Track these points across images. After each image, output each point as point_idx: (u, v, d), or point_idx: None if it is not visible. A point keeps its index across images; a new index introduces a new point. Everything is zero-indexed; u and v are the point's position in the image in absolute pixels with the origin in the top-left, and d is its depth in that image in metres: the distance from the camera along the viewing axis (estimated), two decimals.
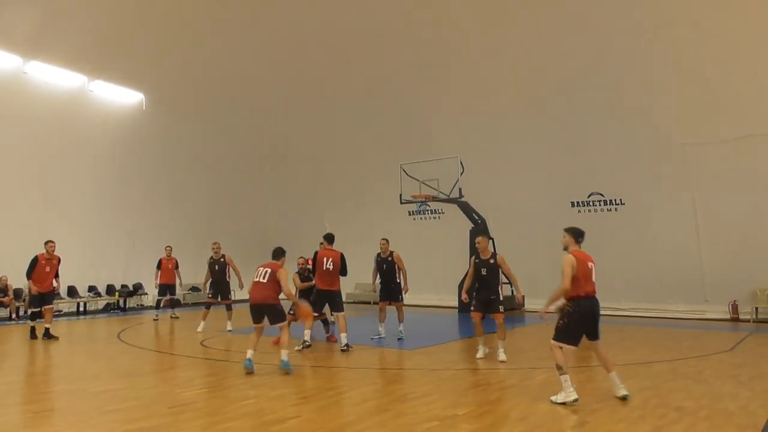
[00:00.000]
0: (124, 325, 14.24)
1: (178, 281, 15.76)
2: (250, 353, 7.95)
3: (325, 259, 10.04)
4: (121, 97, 19.02)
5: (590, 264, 6.54)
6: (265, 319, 8.15)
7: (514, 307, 17.09)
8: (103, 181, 18.56)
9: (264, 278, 8.09)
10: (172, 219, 20.15)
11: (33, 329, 11.53)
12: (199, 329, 12.44)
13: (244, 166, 22.19)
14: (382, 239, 11.45)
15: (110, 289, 18.62)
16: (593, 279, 6.51)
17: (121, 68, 18.18)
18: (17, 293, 15.94)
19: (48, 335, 11.42)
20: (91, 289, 18.11)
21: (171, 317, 15.48)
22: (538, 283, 16.84)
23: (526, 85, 16.77)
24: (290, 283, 8.65)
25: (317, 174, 22.27)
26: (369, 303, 18.06)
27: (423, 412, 6.02)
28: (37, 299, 11.44)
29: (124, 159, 18.99)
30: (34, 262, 11.36)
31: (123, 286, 18.86)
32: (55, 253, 11.52)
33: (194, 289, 21.04)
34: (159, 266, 15.37)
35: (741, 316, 14.45)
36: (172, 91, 19.34)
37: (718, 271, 14.73)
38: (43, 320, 11.45)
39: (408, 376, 8.22)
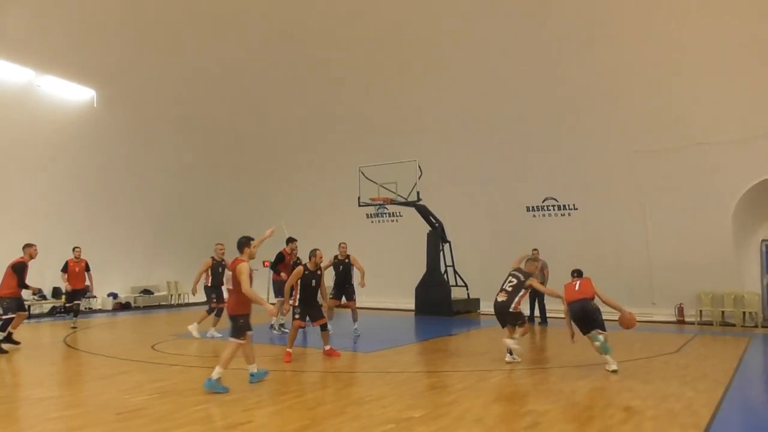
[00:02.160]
0: (70, 329, 13.74)
1: (89, 285, 14.60)
2: (252, 367, 7.60)
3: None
4: (71, 93, 18.28)
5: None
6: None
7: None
8: (52, 180, 17.85)
9: (230, 284, 7.44)
10: (123, 219, 19.59)
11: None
12: (215, 334, 11.84)
13: (201, 167, 21.63)
14: (342, 243, 12.28)
15: (56, 292, 17.93)
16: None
17: (71, 63, 17.47)
18: None
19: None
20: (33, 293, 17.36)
21: (71, 327, 14.14)
22: (494, 286, 17.00)
23: (482, 92, 16.98)
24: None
25: (275, 176, 22.01)
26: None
27: (378, 415, 6.00)
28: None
29: (73, 158, 18.29)
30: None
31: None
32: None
33: (146, 291, 20.53)
34: (65, 269, 14.16)
35: (686, 319, 15.01)
36: (125, 88, 18.67)
37: (665, 275, 15.26)
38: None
39: (364, 379, 8.19)
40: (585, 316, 8.70)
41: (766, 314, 14.48)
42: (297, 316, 9.65)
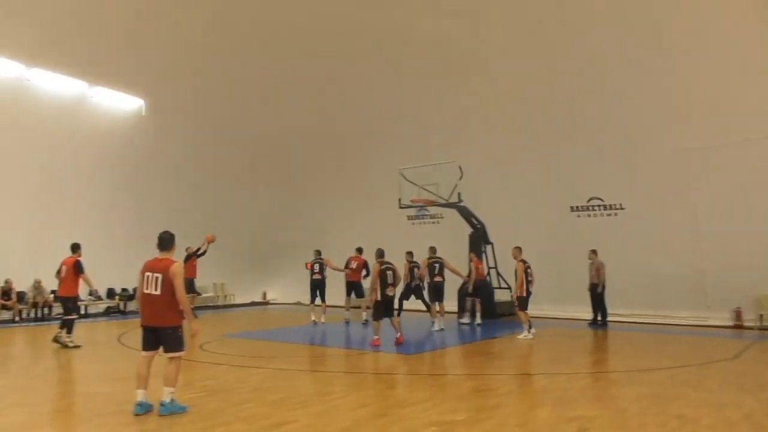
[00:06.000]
0: (124, 328, 14.21)
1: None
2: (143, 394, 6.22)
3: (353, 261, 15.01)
4: (121, 103, 19.08)
5: None
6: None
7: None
8: (103, 185, 18.58)
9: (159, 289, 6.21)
10: (170, 224, 20.10)
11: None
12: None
13: (242, 171, 22.16)
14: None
15: (110, 293, 18.61)
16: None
17: (121, 74, 18.25)
18: (20, 296, 16.22)
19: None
20: (91, 292, 18.05)
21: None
22: (538, 287, 16.75)
23: (524, 89, 16.74)
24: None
25: (316, 178, 22.24)
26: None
27: (421, 418, 5.97)
28: None
29: (123, 164, 19.00)
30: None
31: (123, 289, 18.84)
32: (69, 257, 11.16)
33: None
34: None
35: (745, 323, 14.33)
36: (171, 96, 19.34)
37: (719, 277, 14.59)
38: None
39: (405, 381, 8.17)
40: None
41: None
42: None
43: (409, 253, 14.07)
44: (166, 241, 6.45)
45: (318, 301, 14.96)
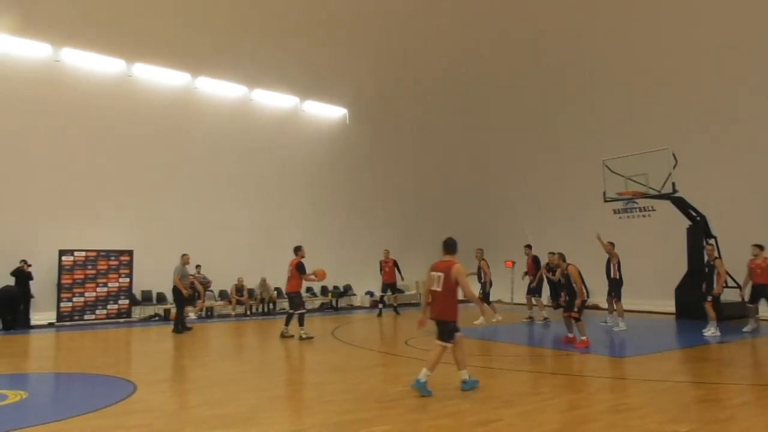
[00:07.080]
0: (337, 323, 15.43)
1: (399, 279, 17.71)
2: (463, 374, 7.15)
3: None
4: (328, 113, 21.23)
5: None
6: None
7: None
8: (314, 189, 20.63)
9: (438, 286, 7.04)
10: (372, 225, 21.47)
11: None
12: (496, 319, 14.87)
13: (442, 170, 22.88)
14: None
15: (324, 290, 20.37)
16: None
17: (328, 88, 20.25)
18: (250, 293, 18.48)
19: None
20: (308, 290, 19.97)
21: (378, 315, 17.00)
22: None
23: (750, 56, 14.64)
24: None
25: (513, 176, 21.91)
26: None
27: (636, 426, 5.56)
28: None
29: (332, 169, 20.96)
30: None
31: (335, 287, 20.50)
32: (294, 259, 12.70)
33: (396, 290, 22.06)
34: (381, 268, 17.48)
35: None
36: (372, 105, 20.97)
37: None
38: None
39: (618, 386, 7.66)
40: None
41: None
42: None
43: (611, 243, 13.24)
44: (449, 246, 7.21)
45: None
